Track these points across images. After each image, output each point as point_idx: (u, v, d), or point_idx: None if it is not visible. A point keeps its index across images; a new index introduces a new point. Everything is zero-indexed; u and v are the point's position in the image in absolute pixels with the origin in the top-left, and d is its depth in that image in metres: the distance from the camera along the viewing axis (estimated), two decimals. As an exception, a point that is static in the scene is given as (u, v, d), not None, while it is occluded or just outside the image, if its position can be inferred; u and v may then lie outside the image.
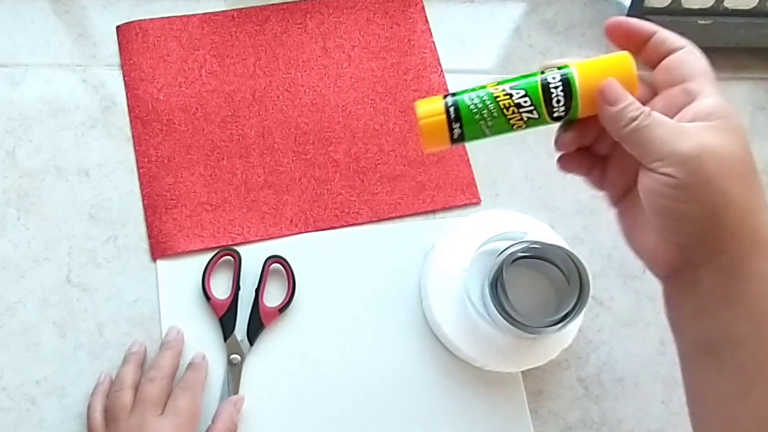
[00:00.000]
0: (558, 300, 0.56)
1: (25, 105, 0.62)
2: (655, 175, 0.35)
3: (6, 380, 0.55)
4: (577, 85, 0.37)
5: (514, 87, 0.37)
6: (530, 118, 0.37)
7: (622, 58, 0.38)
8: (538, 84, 0.37)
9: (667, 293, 0.39)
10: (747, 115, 0.68)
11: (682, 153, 0.34)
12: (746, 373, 0.35)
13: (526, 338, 0.54)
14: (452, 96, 0.38)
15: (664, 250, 0.38)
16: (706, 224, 0.35)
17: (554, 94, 0.36)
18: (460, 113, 0.37)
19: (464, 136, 0.37)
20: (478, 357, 0.55)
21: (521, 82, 0.37)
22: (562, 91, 0.36)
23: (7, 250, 0.58)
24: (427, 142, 0.38)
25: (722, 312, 0.36)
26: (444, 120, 0.37)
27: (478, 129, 0.37)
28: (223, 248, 0.58)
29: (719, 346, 0.36)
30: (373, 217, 0.61)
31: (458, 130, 0.37)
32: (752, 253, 0.35)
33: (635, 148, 0.36)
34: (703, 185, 0.34)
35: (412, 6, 0.68)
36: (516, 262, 0.54)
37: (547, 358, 0.55)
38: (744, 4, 0.66)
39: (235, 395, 0.55)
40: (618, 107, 0.36)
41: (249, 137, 0.62)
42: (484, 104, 0.37)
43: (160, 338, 0.56)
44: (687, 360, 0.39)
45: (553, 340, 0.55)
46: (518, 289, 0.54)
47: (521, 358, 0.55)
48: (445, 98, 0.38)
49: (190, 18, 0.66)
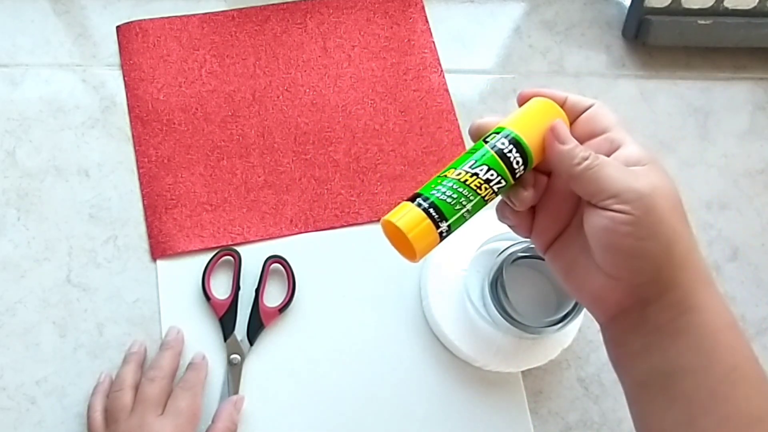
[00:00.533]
0: (558, 300, 0.56)
1: (25, 105, 0.62)
2: (608, 213, 0.36)
3: (6, 380, 0.55)
4: (525, 142, 0.38)
5: (474, 166, 0.37)
6: (500, 188, 0.38)
7: (546, 105, 0.40)
8: (494, 155, 0.38)
9: (611, 333, 0.39)
10: (747, 115, 0.68)
11: (638, 190, 0.35)
12: (696, 403, 0.36)
13: (526, 338, 0.54)
14: (418, 198, 0.38)
15: (612, 290, 0.38)
16: (659, 260, 0.36)
17: (512, 158, 0.38)
18: (442, 211, 0.37)
19: (450, 229, 0.38)
20: (478, 357, 0.55)
21: (476, 159, 0.38)
22: (517, 152, 0.38)
23: (7, 250, 0.58)
24: (420, 251, 0.37)
25: (671, 345, 0.36)
26: (430, 224, 0.37)
27: (461, 218, 0.38)
28: (223, 248, 0.58)
29: (668, 379, 0.37)
30: (373, 217, 0.61)
31: (445, 227, 0.37)
32: (699, 287, 0.36)
33: (589, 185, 0.36)
34: (657, 222, 0.35)
35: (412, 6, 0.68)
36: (516, 262, 0.54)
37: (547, 358, 0.55)
38: (744, 4, 0.66)
39: (235, 395, 0.55)
40: (570, 146, 0.37)
41: (249, 137, 0.62)
42: (458, 193, 0.37)
43: (160, 338, 0.56)
44: (634, 395, 0.39)
45: (553, 340, 0.55)
46: (518, 289, 0.54)
47: (521, 358, 0.55)
48: (414, 203, 0.37)
49: (190, 18, 0.66)
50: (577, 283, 0.40)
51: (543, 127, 0.38)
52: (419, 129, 0.64)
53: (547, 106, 0.40)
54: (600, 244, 0.37)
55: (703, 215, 0.64)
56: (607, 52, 0.69)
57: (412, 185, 0.62)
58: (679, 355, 0.36)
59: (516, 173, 0.38)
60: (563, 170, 0.37)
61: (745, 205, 0.65)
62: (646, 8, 0.66)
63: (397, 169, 0.62)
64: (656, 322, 0.37)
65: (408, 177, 0.62)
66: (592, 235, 0.37)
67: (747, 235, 0.64)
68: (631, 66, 0.69)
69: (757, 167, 0.66)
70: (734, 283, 0.62)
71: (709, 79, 0.68)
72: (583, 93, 0.67)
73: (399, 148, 0.63)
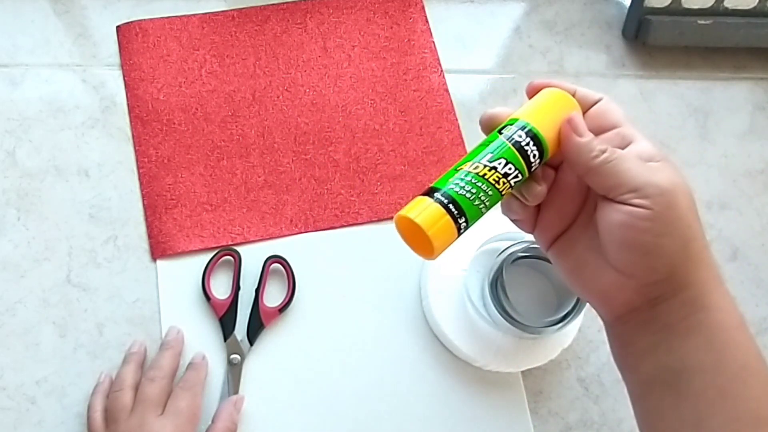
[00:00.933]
0: (558, 300, 0.56)
1: (25, 105, 0.62)
2: (626, 208, 0.35)
3: (6, 380, 0.55)
4: (542, 135, 0.37)
5: (491, 160, 0.36)
6: (516, 182, 0.37)
7: (559, 96, 0.38)
8: (512, 148, 0.36)
9: (616, 331, 0.39)
10: (747, 115, 0.68)
11: (659, 185, 0.34)
12: (705, 401, 0.35)
13: (526, 338, 0.54)
14: (436, 193, 0.36)
15: (622, 288, 0.37)
16: (675, 258, 0.35)
17: (529, 151, 0.36)
18: (461, 206, 0.35)
19: (468, 225, 0.36)
20: (478, 357, 0.55)
21: (493, 152, 0.36)
22: (534, 145, 0.37)
23: (7, 250, 0.58)
24: (438, 248, 0.36)
25: (682, 344, 0.36)
26: (449, 220, 0.35)
27: (478, 213, 0.36)
28: (223, 248, 0.58)
29: (677, 377, 0.36)
30: (373, 217, 0.61)
31: (464, 223, 0.36)
32: (712, 286, 0.36)
33: (607, 179, 0.35)
34: (676, 219, 0.35)
35: (412, 6, 0.68)
36: (516, 262, 0.54)
37: (547, 358, 0.55)
38: (744, 4, 0.66)
39: (235, 395, 0.55)
40: (587, 138, 0.36)
41: (249, 137, 0.62)
42: (477, 188, 0.36)
43: (160, 338, 0.56)
44: (641, 394, 0.38)
45: (553, 340, 0.55)
46: (518, 289, 0.54)
47: (521, 359, 0.55)
48: (433, 198, 0.36)
49: (190, 18, 0.66)
50: (584, 280, 0.39)
51: (557, 119, 0.37)
52: (419, 129, 0.64)
53: (560, 96, 0.38)
54: (615, 240, 0.36)
55: (703, 215, 0.63)
56: (607, 52, 0.69)
57: (412, 185, 0.62)
58: (689, 354, 0.35)
59: (532, 167, 0.37)
60: (581, 163, 0.36)
61: (745, 205, 0.65)
62: (646, 8, 0.66)
63: (397, 169, 0.62)
64: (667, 320, 0.36)
65: (408, 177, 0.62)
66: (607, 231, 0.36)
67: (747, 235, 0.64)
68: (631, 66, 0.69)
69: (757, 167, 0.66)
70: (734, 283, 0.62)
71: (709, 79, 0.68)
72: (583, 93, 0.67)
73: (399, 148, 0.63)
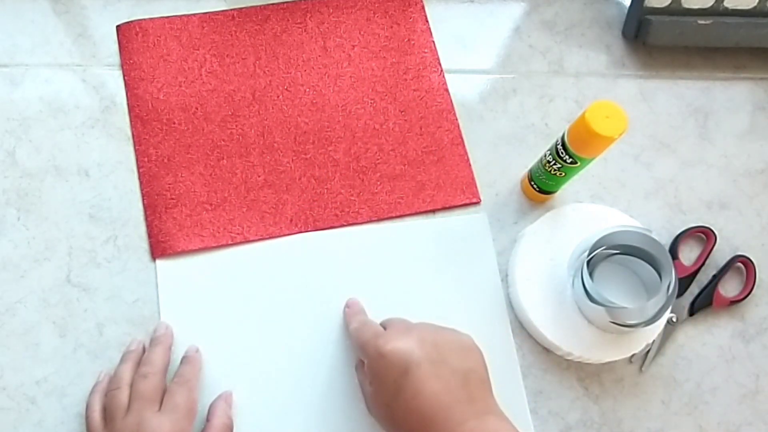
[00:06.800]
0: (647, 296, 0.57)
1: (25, 105, 0.62)
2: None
3: (6, 380, 0.55)
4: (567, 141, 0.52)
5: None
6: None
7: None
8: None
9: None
10: (747, 115, 0.68)
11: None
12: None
13: (618, 331, 0.55)
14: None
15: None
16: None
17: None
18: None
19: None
20: (563, 344, 0.56)
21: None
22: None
23: (7, 250, 0.58)
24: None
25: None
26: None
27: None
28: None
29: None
30: (373, 216, 0.61)
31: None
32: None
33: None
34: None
35: (412, 6, 0.68)
36: (608, 259, 0.57)
37: (631, 351, 0.57)
38: (744, 4, 0.66)
39: (225, 391, 0.55)
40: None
41: (249, 137, 0.62)
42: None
43: (160, 338, 0.56)
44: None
45: (639, 334, 0.56)
46: (611, 284, 0.58)
47: (605, 350, 0.57)
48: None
49: (190, 18, 0.66)
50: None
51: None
52: (419, 129, 0.64)
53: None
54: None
55: (703, 215, 0.64)
56: (607, 52, 0.69)
57: (412, 185, 0.62)
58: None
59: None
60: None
61: (745, 205, 0.65)
62: (646, 8, 0.66)
63: (397, 168, 0.62)
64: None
65: (408, 177, 0.62)
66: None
67: (747, 235, 0.64)
68: (631, 66, 0.69)
69: (757, 167, 0.66)
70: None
71: (709, 79, 0.68)
72: (583, 93, 0.67)
73: (399, 147, 0.63)
